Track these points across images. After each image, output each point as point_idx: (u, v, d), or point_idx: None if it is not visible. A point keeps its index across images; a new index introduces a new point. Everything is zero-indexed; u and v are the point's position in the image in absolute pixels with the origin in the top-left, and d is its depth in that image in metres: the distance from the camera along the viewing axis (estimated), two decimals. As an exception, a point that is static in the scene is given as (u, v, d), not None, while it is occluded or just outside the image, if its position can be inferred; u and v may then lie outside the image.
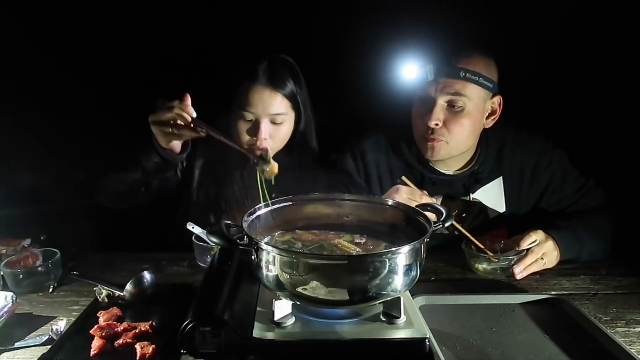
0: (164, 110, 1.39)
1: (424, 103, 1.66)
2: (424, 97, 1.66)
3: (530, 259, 1.48)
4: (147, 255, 1.64)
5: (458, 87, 1.60)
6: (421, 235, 1.05)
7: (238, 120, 1.67)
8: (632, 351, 1.04)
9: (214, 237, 1.03)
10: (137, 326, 1.14)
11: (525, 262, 1.47)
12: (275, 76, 1.65)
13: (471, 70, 1.59)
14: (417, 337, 0.99)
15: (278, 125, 1.67)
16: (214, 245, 1.29)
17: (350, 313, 1.05)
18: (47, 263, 1.42)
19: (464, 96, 1.60)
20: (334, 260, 0.99)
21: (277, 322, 1.01)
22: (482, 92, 1.63)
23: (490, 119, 1.71)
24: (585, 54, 1.96)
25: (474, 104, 1.62)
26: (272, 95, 1.63)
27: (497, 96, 1.69)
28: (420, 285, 1.13)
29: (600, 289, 1.41)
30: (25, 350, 1.11)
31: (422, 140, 1.70)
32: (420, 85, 1.66)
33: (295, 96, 1.68)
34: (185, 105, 1.38)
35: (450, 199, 1.78)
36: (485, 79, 1.61)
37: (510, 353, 1.08)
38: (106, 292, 1.31)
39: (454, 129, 1.63)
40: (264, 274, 1.02)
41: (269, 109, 1.63)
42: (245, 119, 1.65)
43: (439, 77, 1.61)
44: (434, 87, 1.62)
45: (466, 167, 1.78)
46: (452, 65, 1.60)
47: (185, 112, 1.37)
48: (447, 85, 1.60)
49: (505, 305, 1.27)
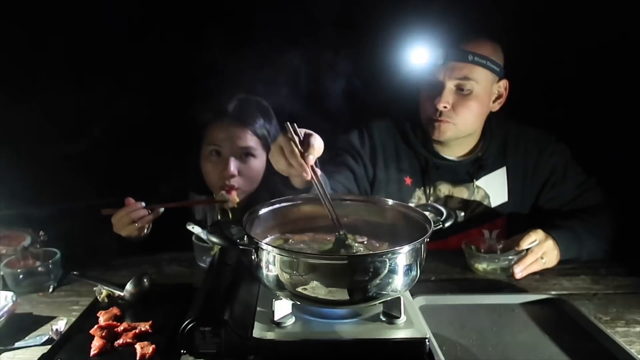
0: (119, 217, 1.51)
1: (433, 86, 1.68)
2: (432, 80, 1.68)
3: (530, 258, 1.47)
4: (147, 255, 1.64)
5: (466, 71, 1.62)
6: (421, 235, 1.05)
7: (207, 158, 1.68)
8: (632, 351, 1.04)
9: (214, 237, 1.03)
10: (137, 326, 1.14)
11: (525, 262, 1.46)
12: (245, 113, 1.66)
13: (479, 53, 1.62)
14: (417, 337, 0.99)
15: (248, 162, 1.67)
16: (214, 245, 1.29)
17: (350, 313, 1.05)
18: (47, 263, 1.42)
19: (472, 79, 1.63)
20: (334, 260, 0.99)
21: (277, 322, 1.01)
22: (490, 75, 1.66)
23: (496, 102, 1.74)
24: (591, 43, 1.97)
25: (482, 87, 1.65)
26: (240, 131, 1.64)
27: (503, 80, 1.71)
28: (420, 285, 1.13)
29: (600, 289, 1.41)
30: (25, 350, 1.11)
31: (429, 122, 1.72)
32: (429, 69, 1.68)
33: (266, 136, 1.68)
34: (131, 205, 1.52)
35: (454, 185, 1.79)
36: (492, 62, 1.64)
37: (510, 353, 1.08)
38: (106, 292, 1.31)
39: (462, 111, 1.66)
40: (264, 274, 1.02)
41: (237, 143, 1.64)
42: (213, 156, 1.66)
43: (448, 60, 1.63)
44: (442, 71, 1.64)
45: (471, 154, 1.79)
46: (460, 49, 1.62)
47: (136, 209, 1.51)
48: (456, 68, 1.63)
49: (505, 305, 1.27)
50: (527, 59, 1.93)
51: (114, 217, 1.53)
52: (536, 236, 1.51)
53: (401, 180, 1.80)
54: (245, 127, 1.65)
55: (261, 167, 1.71)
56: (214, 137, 1.66)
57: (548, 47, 2.02)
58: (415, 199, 1.80)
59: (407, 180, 1.80)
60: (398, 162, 1.81)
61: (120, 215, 1.52)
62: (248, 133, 1.65)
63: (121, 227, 1.53)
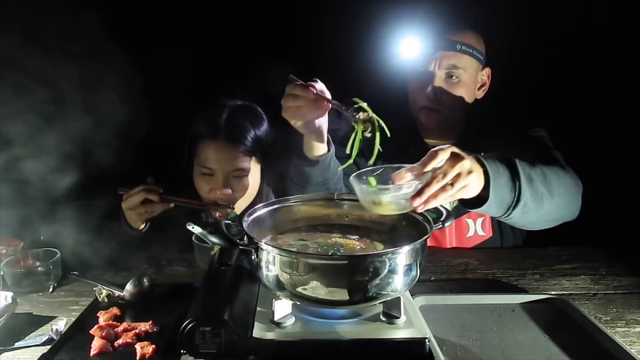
0: (134, 194, 1.56)
1: (423, 76, 1.71)
2: (422, 70, 1.71)
3: (435, 185, 1.11)
4: (147, 255, 1.64)
5: (455, 60, 1.67)
6: (421, 235, 1.05)
7: (199, 175, 1.67)
8: (632, 351, 1.04)
9: (214, 237, 1.03)
10: (137, 326, 1.14)
11: (427, 190, 1.10)
12: (234, 130, 1.62)
13: (466, 42, 1.68)
14: (417, 337, 0.99)
15: (241, 181, 1.66)
16: (214, 245, 1.29)
17: (350, 313, 1.05)
18: (47, 263, 1.42)
19: (460, 68, 1.68)
20: (334, 260, 0.99)
21: (277, 322, 1.01)
22: (475, 63, 1.71)
23: (481, 90, 1.79)
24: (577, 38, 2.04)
25: (469, 75, 1.70)
26: (231, 152, 1.62)
27: (487, 68, 1.78)
28: (420, 285, 1.13)
29: (600, 289, 1.41)
30: (25, 350, 1.11)
31: (420, 111, 1.75)
32: (418, 59, 1.71)
33: (258, 145, 1.66)
34: (151, 185, 1.57)
35: None
36: (477, 51, 1.70)
37: (510, 353, 1.07)
38: (106, 292, 1.31)
39: (451, 99, 1.70)
40: (264, 274, 1.02)
41: (229, 165, 1.63)
42: (205, 174, 1.65)
43: (437, 50, 1.67)
44: (432, 60, 1.68)
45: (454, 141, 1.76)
46: (448, 39, 1.67)
47: (153, 190, 1.56)
48: (445, 57, 1.67)
49: (505, 305, 1.27)
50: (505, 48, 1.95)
51: (129, 193, 1.56)
52: (443, 155, 1.14)
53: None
54: (237, 147, 1.61)
55: (255, 181, 1.70)
56: (205, 159, 1.63)
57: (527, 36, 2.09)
58: None
59: None
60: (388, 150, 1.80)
61: (137, 191, 1.55)
62: (240, 154, 1.62)
63: (131, 205, 1.56)
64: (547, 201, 1.36)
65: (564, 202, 1.44)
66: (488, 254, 1.69)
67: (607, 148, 1.96)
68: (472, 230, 1.79)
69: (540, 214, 1.37)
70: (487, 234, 1.79)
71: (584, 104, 2.05)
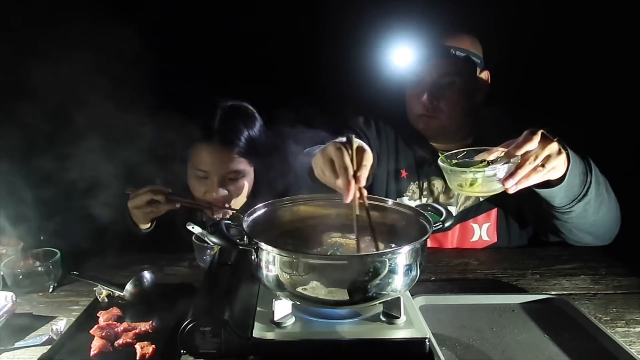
0: (141, 194, 1.57)
1: (418, 83, 1.70)
2: (417, 77, 1.70)
3: (528, 166, 1.17)
4: (147, 255, 1.64)
5: (449, 65, 1.65)
6: (421, 235, 1.05)
7: (193, 176, 1.67)
8: (632, 351, 1.04)
9: (214, 237, 1.03)
10: (137, 326, 1.14)
11: (520, 172, 1.16)
12: (228, 133, 1.62)
13: (460, 47, 1.65)
14: (417, 337, 0.99)
15: (236, 183, 1.66)
16: (214, 245, 1.29)
17: (350, 313, 1.05)
18: (47, 263, 1.42)
19: (455, 73, 1.66)
20: (334, 260, 0.99)
21: (277, 322, 1.01)
22: (471, 67, 1.69)
23: (481, 92, 1.76)
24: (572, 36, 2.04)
25: (465, 80, 1.68)
26: (225, 155, 1.62)
27: (485, 71, 1.75)
28: (420, 285, 1.13)
29: (600, 289, 1.41)
30: (25, 350, 1.11)
31: (417, 119, 1.74)
32: (413, 67, 1.71)
33: (252, 146, 1.66)
34: (157, 186, 1.58)
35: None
36: (473, 55, 1.68)
37: (510, 353, 1.07)
38: (106, 292, 1.31)
39: (447, 104, 1.68)
40: (264, 274, 1.02)
41: (224, 168, 1.63)
42: (200, 177, 1.65)
43: (431, 57, 1.66)
44: (427, 67, 1.67)
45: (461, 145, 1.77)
46: (442, 45, 1.65)
47: (160, 190, 1.57)
48: (438, 64, 1.66)
49: (505, 305, 1.27)
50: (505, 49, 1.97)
51: (135, 192, 1.57)
52: (537, 138, 1.18)
53: (397, 173, 1.82)
54: (231, 150, 1.61)
55: (249, 182, 1.71)
56: (199, 161, 1.63)
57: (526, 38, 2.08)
58: (409, 192, 1.81)
59: (403, 173, 1.82)
60: (396, 154, 1.83)
61: (144, 191, 1.56)
62: (234, 157, 1.62)
63: (137, 204, 1.57)
64: (603, 208, 1.44)
65: (612, 217, 1.51)
66: (488, 254, 1.69)
67: (607, 148, 1.95)
68: (477, 235, 1.78)
69: (593, 219, 1.43)
70: (491, 239, 1.79)
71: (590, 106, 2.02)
